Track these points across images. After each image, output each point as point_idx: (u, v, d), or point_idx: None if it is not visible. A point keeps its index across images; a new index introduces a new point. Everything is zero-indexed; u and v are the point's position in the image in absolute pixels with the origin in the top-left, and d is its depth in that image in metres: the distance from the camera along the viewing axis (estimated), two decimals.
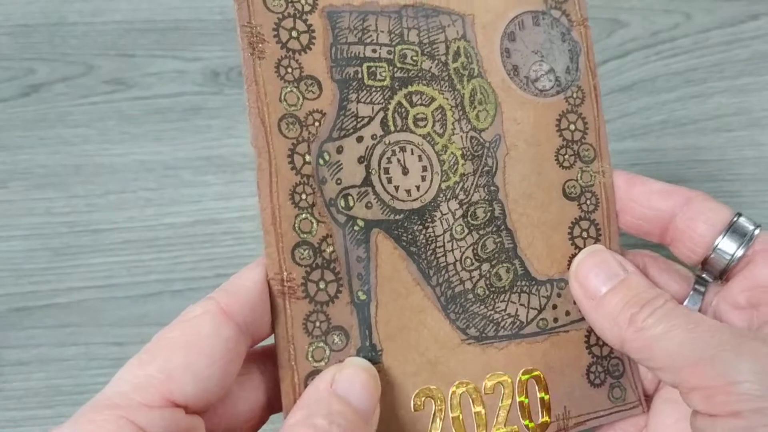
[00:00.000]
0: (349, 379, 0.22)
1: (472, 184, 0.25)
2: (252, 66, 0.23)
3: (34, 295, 0.44)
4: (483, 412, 0.25)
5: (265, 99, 0.23)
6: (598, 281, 0.25)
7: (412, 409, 0.24)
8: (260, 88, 0.23)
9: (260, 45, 0.24)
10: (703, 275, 0.26)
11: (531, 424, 0.25)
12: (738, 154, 0.48)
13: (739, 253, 0.25)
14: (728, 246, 0.25)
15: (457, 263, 0.25)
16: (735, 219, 0.25)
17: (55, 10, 0.49)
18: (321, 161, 0.24)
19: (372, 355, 0.24)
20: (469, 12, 0.25)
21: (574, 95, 0.27)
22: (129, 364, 0.21)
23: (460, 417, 0.25)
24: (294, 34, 0.24)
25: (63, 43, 0.49)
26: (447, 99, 0.25)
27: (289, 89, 0.23)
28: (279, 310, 0.23)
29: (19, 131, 0.47)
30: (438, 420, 0.25)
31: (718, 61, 0.51)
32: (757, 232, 0.25)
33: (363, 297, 0.24)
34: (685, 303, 0.26)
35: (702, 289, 0.26)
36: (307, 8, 0.24)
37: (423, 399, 0.25)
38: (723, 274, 0.26)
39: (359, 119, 0.24)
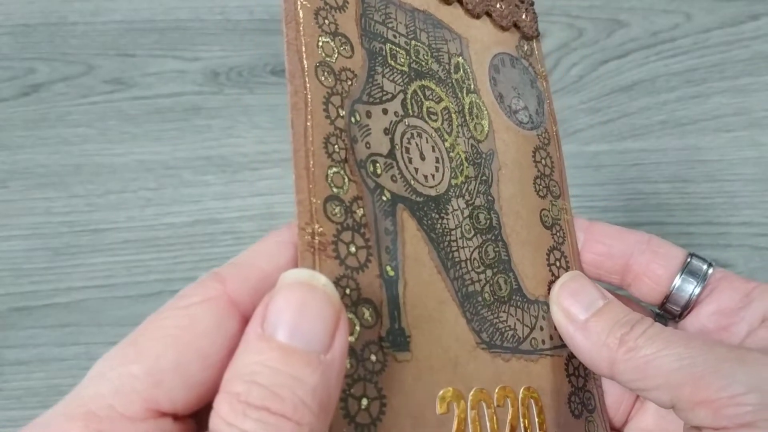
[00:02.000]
0: (282, 311, 0.16)
1: (475, 188, 0.26)
2: (294, 6, 0.22)
3: (34, 295, 0.44)
4: (496, 426, 0.24)
5: (303, 40, 0.22)
6: (581, 306, 0.24)
7: (439, 410, 0.22)
8: (300, 28, 0.22)
9: None
10: (662, 314, 0.27)
11: None
12: (738, 155, 0.48)
13: (697, 291, 0.26)
14: (686, 285, 0.26)
15: (468, 262, 0.25)
16: (689, 260, 0.26)
17: (56, 10, 0.49)
18: (353, 119, 0.23)
19: (401, 340, 0.22)
20: (465, 36, 0.27)
21: (543, 135, 0.28)
22: (112, 355, 0.17)
23: (479, 427, 0.23)
24: None
25: (63, 42, 0.49)
26: (452, 103, 0.26)
27: (326, 39, 0.23)
28: (306, 266, 0.20)
29: (19, 131, 0.47)
30: (461, 426, 0.23)
31: (718, 61, 0.51)
32: (710, 270, 0.26)
33: (392, 273, 0.22)
34: None
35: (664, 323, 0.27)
36: None
37: (448, 401, 0.23)
38: (680, 316, 0.27)
39: (384, 93, 0.24)
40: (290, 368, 0.16)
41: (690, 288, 0.26)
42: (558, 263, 0.27)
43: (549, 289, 0.26)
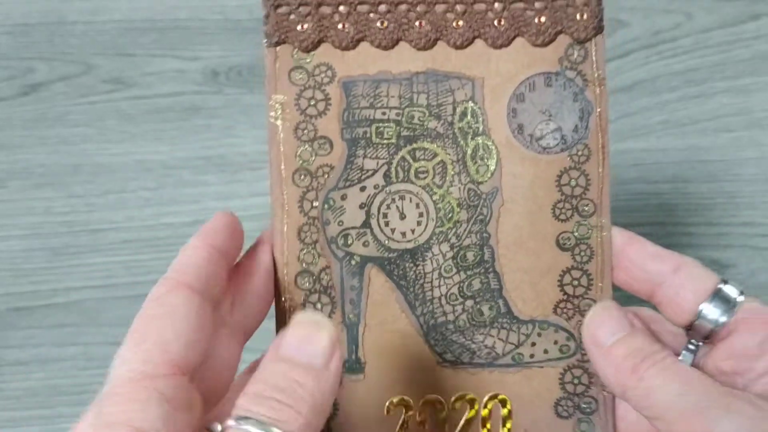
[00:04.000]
0: (290, 338, 0.23)
1: (465, 230, 0.28)
2: (275, 129, 0.27)
3: (33, 295, 0.44)
4: (446, 420, 0.28)
5: (282, 156, 0.27)
6: (607, 332, 0.26)
7: (385, 413, 0.28)
8: (279, 147, 0.27)
9: (283, 112, 0.27)
10: (693, 340, 0.28)
11: None
12: (739, 155, 0.48)
13: (723, 319, 0.26)
14: (712, 312, 0.27)
15: (443, 298, 0.28)
16: (720, 286, 0.27)
17: (55, 10, 0.49)
18: (326, 206, 0.28)
19: (356, 366, 0.28)
20: (480, 75, 0.28)
21: (580, 153, 0.28)
22: (125, 347, 0.23)
23: (426, 423, 0.28)
24: (312, 102, 0.27)
25: (62, 42, 0.49)
26: (449, 154, 0.28)
27: (303, 147, 0.28)
28: (281, 323, 0.28)
29: (18, 130, 0.47)
30: (406, 424, 0.28)
31: (719, 61, 0.51)
32: (740, 299, 0.27)
33: (353, 319, 0.28)
34: (679, 360, 0.28)
35: (693, 348, 0.28)
36: (326, 80, 0.27)
37: (395, 406, 0.28)
38: (708, 339, 0.27)
39: (364, 171, 0.28)
40: (294, 375, 0.22)
41: (715, 316, 0.26)
42: (576, 282, 0.28)
43: (555, 308, 0.28)
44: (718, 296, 0.27)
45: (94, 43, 0.49)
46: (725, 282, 0.27)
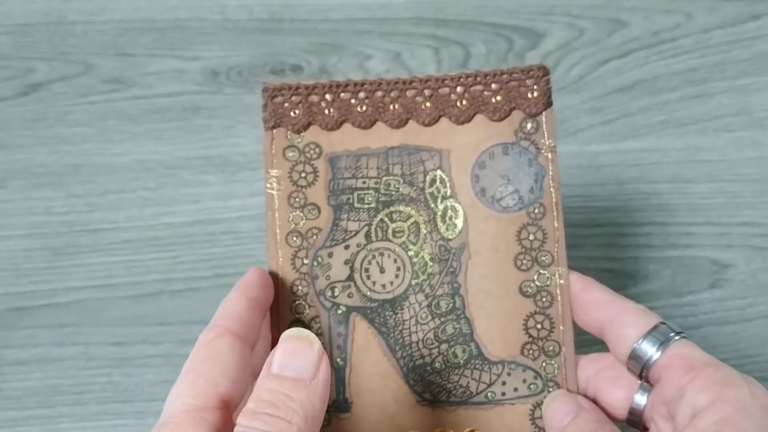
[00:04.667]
0: (279, 355, 0.25)
1: (438, 281, 0.32)
2: (271, 199, 0.32)
3: (33, 295, 0.44)
4: None
5: (277, 221, 0.32)
6: (558, 419, 0.30)
7: None
8: (275, 213, 0.32)
9: (278, 184, 0.32)
10: (634, 377, 0.30)
11: None
12: (739, 155, 0.48)
13: (655, 356, 0.28)
14: (645, 350, 0.29)
15: (420, 342, 0.31)
16: (656, 325, 0.29)
17: (55, 10, 0.49)
18: (315, 263, 0.32)
19: (344, 406, 0.31)
20: (446, 148, 0.32)
21: (536, 210, 0.32)
22: (179, 385, 0.26)
23: None
24: (303, 174, 0.32)
25: (62, 42, 0.49)
26: (422, 216, 0.32)
27: (295, 213, 0.32)
28: None
29: (18, 130, 0.47)
30: None
31: (719, 61, 0.51)
32: (675, 338, 0.28)
33: (341, 363, 0.31)
34: (632, 406, 0.30)
35: (646, 392, 0.30)
36: (314, 156, 0.32)
37: None
38: (642, 377, 0.29)
39: (348, 232, 0.32)
40: (284, 389, 0.24)
41: (650, 353, 0.29)
42: (539, 326, 0.31)
43: (521, 350, 0.32)
44: (652, 335, 0.29)
45: (94, 43, 0.49)
46: (663, 323, 0.29)
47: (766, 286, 0.45)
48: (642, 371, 0.29)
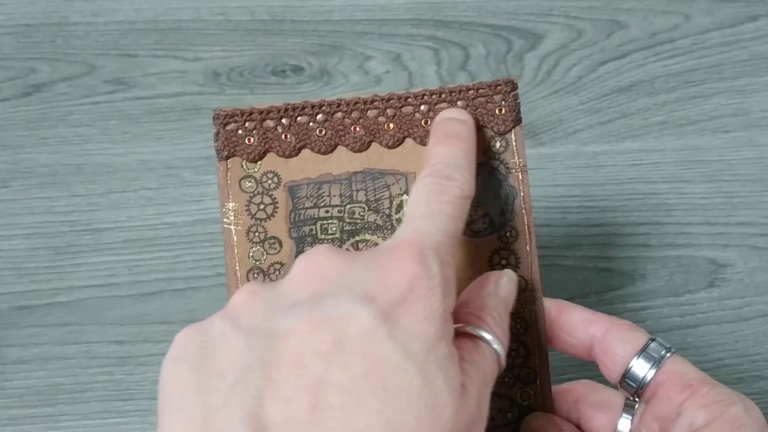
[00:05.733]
0: (506, 286, 0.28)
1: None
2: (229, 234, 0.30)
3: (36, 294, 0.45)
4: None
5: (237, 258, 0.30)
6: None
7: None
8: (234, 250, 0.30)
9: (236, 218, 0.30)
10: (627, 396, 0.30)
11: None
12: (737, 155, 0.48)
13: (649, 375, 0.28)
14: (639, 369, 0.28)
15: None
16: (648, 344, 0.29)
17: (57, 10, 0.50)
18: None
19: None
20: (412, 170, 0.30)
21: (508, 234, 0.30)
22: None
23: None
24: (261, 207, 0.30)
25: (65, 42, 0.49)
26: None
27: (255, 248, 0.30)
28: None
29: (20, 131, 0.48)
30: None
31: (717, 62, 0.51)
32: (667, 356, 0.28)
33: None
34: (619, 427, 0.29)
35: (632, 411, 0.29)
36: (273, 185, 0.30)
37: None
38: (637, 396, 0.29)
39: None
40: (505, 315, 0.27)
41: (644, 371, 0.28)
42: (514, 353, 0.30)
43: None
44: (644, 354, 0.28)
45: (97, 43, 0.49)
46: (653, 339, 0.29)
47: (763, 286, 0.46)
48: (637, 390, 0.29)
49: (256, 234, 0.30)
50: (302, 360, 0.20)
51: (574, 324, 0.30)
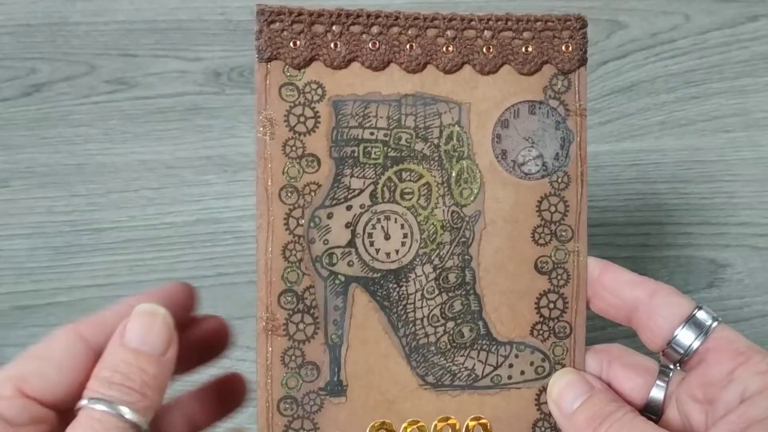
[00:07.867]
0: (133, 328, 0.26)
1: (448, 252, 0.29)
2: (263, 145, 0.27)
3: (36, 294, 0.45)
4: None
5: (270, 172, 0.27)
6: (569, 400, 0.28)
7: None
8: (267, 163, 0.27)
9: (272, 128, 0.27)
10: (665, 364, 0.29)
11: None
12: (737, 155, 0.49)
13: (696, 344, 0.27)
14: (686, 337, 0.27)
15: (425, 319, 0.29)
16: (694, 312, 0.28)
17: (58, 10, 0.50)
18: (312, 224, 0.28)
19: (338, 389, 0.28)
20: (467, 101, 0.28)
21: (560, 180, 0.29)
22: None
23: None
24: (302, 119, 0.27)
25: (65, 42, 0.49)
26: (434, 177, 0.28)
27: (291, 164, 0.27)
28: (261, 343, 0.28)
29: (21, 130, 0.48)
30: None
31: (717, 62, 0.51)
32: (714, 325, 0.27)
33: (336, 340, 0.28)
34: (651, 393, 0.28)
35: (666, 378, 0.28)
36: (316, 98, 0.28)
37: (377, 430, 0.28)
38: (681, 364, 0.28)
39: (351, 191, 0.28)
40: (139, 363, 0.25)
41: (689, 341, 0.27)
42: (552, 305, 0.29)
43: (531, 330, 0.29)
44: (692, 321, 0.27)
45: (97, 43, 0.49)
46: (700, 308, 0.28)
47: (763, 286, 0.46)
48: (682, 357, 0.28)
49: (293, 149, 0.27)
50: None
51: (619, 283, 0.29)
